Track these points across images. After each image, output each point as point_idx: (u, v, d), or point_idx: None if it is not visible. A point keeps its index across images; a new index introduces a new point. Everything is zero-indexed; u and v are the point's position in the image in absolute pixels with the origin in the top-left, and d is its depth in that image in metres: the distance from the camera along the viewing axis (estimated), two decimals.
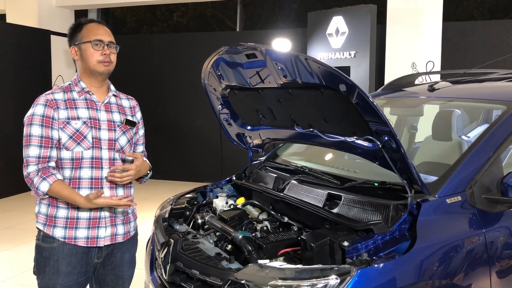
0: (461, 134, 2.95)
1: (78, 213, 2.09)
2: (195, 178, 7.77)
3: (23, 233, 5.44)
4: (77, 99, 2.12)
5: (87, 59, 2.11)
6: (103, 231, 2.14)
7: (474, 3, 11.64)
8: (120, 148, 2.19)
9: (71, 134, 2.07)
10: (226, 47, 2.34)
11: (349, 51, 6.62)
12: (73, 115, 2.08)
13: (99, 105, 2.16)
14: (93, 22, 2.17)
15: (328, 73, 1.92)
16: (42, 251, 2.11)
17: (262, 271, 1.84)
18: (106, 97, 2.20)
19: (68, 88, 2.14)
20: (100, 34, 2.12)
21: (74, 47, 2.14)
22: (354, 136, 2.18)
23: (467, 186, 2.14)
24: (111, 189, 2.15)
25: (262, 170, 2.98)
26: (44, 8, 8.40)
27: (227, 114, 2.90)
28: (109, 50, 2.13)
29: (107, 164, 2.14)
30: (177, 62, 8.39)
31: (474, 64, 5.78)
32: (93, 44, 2.09)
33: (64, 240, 2.08)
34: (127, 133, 2.23)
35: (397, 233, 1.94)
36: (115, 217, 2.18)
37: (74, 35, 2.14)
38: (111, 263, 2.23)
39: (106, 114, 2.17)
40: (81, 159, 2.08)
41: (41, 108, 2.06)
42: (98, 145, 2.12)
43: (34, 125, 2.04)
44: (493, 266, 2.09)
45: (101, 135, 2.13)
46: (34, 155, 2.03)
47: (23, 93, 7.56)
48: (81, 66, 2.15)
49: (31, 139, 2.04)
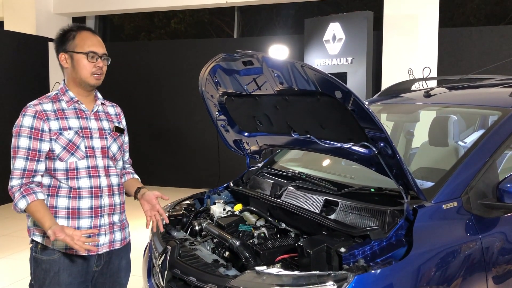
0: (458, 140, 2.96)
1: (78, 223, 2.07)
2: (193, 185, 7.76)
3: (20, 240, 5.42)
4: (66, 109, 2.09)
5: (80, 70, 2.08)
6: (103, 238, 2.13)
7: (470, 9, 11.70)
8: (112, 155, 2.19)
9: (64, 145, 2.05)
10: (223, 55, 2.35)
11: (346, 57, 6.65)
12: (65, 125, 2.05)
13: (89, 114, 2.14)
14: (86, 30, 2.12)
15: (324, 80, 1.94)
16: (41, 264, 2.07)
17: (259, 277, 1.84)
18: (95, 106, 2.19)
19: (56, 97, 2.10)
20: (95, 46, 2.09)
21: (65, 54, 2.09)
22: (350, 143, 2.19)
23: (463, 191, 2.15)
24: (109, 196, 2.15)
25: (259, 177, 2.99)
26: (42, 15, 8.43)
27: (225, 121, 2.91)
28: (102, 62, 2.11)
29: (103, 172, 2.13)
30: (175, 69, 8.41)
31: (470, 70, 5.82)
32: (88, 56, 2.06)
33: (66, 250, 2.06)
34: (117, 140, 2.23)
35: (393, 239, 1.94)
36: (113, 224, 2.18)
37: (66, 42, 2.09)
38: (109, 270, 2.23)
39: (96, 122, 2.16)
40: (76, 170, 2.07)
41: (30, 120, 2.01)
42: (93, 154, 2.11)
43: (22, 137, 2.01)
44: (489, 271, 2.09)
45: (93, 144, 2.12)
46: (20, 167, 2.00)
47: (21, 100, 7.50)
48: (70, 75, 2.12)
49: (18, 151, 2.01)
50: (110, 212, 2.15)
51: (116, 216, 2.19)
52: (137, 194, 2.30)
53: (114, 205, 2.17)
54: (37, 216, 1.96)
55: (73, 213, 2.07)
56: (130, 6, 8.37)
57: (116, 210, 2.19)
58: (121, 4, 8.39)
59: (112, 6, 8.45)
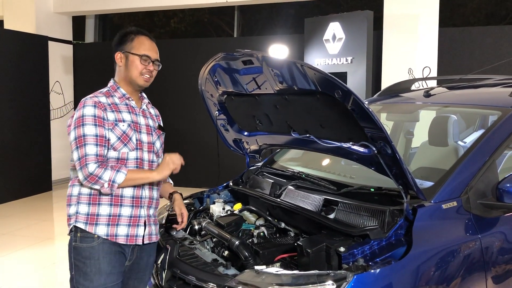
0: (457, 139, 2.96)
1: (120, 210, 2.13)
2: (192, 184, 7.75)
3: (21, 239, 5.43)
4: (119, 104, 2.19)
5: (131, 70, 2.19)
6: (142, 229, 2.19)
7: (470, 9, 11.70)
8: (156, 150, 2.30)
9: (119, 135, 2.13)
10: (222, 54, 2.35)
11: (346, 57, 6.65)
12: (119, 117, 2.15)
13: (138, 111, 2.25)
14: (145, 35, 2.25)
15: (324, 79, 1.94)
16: (81, 252, 2.10)
17: (259, 277, 1.84)
18: (143, 104, 2.32)
19: (108, 93, 2.20)
20: (149, 51, 2.21)
21: (121, 53, 2.21)
22: (350, 142, 2.19)
23: (463, 191, 2.15)
24: (150, 189, 2.24)
25: (259, 176, 2.99)
26: (42, 14, 8.42)
27: (224, 120, 2.91)
28: (153, 67, 2.23)
29: (147, 165, 2.22)
30: (175, 68, 8.41)
31: (470, 70, 5.81)
32: (142, 58, 2.18)
33: (107, 237, 2.10)
34: (160, 138, 2.36)
35: (393, 238, 1.94)
36: (150, 217, 2.24)
37: (124, 43, 2.22)
38: (137, 266, 2.25)
39: (144, 119, 2.27)
40: (126, 160, 2.14)
41: (91, 109, 2.08)
42: (141, 147, 2.20)
43: (87, 125, 2.05)
44: (488, 271, 2.09)
45: (142, 138, 2.22)
46: (93, 153, 2.03)
47: (20, 99, 7.56)
48: (122, 73, 2.23)
49: (86, 139, 2.04)
50: (149, 204, 2.23)
51: (152, 210, 2.26)
52: (171, 198, 2.48)
53: (153, 198, 2.26)
54: (139, 177, 2.12)
55: (115, 200, 2.12)
56: (130, 5, 8.36)
57: (153, 204, 2.27)
58: (121, 3, 8.39)
59: (112, 5, 8.44)
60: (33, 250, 5.08)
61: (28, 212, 6.82)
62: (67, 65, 8.99)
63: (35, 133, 7.90)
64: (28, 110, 7.72)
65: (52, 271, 4.50)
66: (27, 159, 7.70)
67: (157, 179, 2.17)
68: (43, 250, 5.10)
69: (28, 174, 7.70)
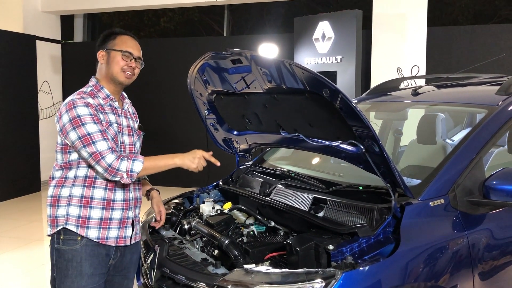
0: (446, 137, 2.98)
1: (112, 214, 2.13)
2: (182, 183, 7.73)
3: (9, 241, 5.38)
4: (104, 105, 2.17)
5: (112, 66, 2.18)
6: (130, 230, 2.21)
7: (459, 9, 11.80)
8: (137, 152, 2.29)
9: (112, 136, 2.12)
10: (211, 53, 2.35)
11: (335, 56, 6.67)
12: (107, 119, 2.14)
13: (120, 112, 2.24)
14: (128, 35, 2.25)
15: (312, 78, 1.94)
16: (63, 254, 2.10)
17: (248, 275, 1.84)
18: (125, 104, 2.30)
19: (92, 93, 2.16)
20: (132, 48, 2.21)
21: (103, 51, 2.20)
22: (338, 141, 2.20)
23: (450, 189, 2.17)
24: (134, 190, 2.25)
25: (248, 175, 2.99)
26: (30, 13, 8.34)
27: (214, 119, 2.91)
28: (135, 64, 2.22)
29: None
30: (164, 67, 8.38)
31: (458, 69, 5.86)
32: (124, 54, 2.17)
33: (97, 240, 2.10)
34: (140, 139, 2.36)
35: (381, 236, 1.96)
36: (136, 217, 2.26)
37: (107, 41, 2.21)
38: (120, 264, 2.25)
39: (125, 120, 2.26)
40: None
41: (85, 109, 2.05)
42: (124, 149, 2.20)
43: (88, 124, 2.03)
44: (475, 267, 2.12)
45: (124, 139, 2.21)
46: (105, 147, 2.01)
47: (8, 99, 7.48)
48: (103, 71, 2.21)
49: (93, 136, 2.02)
50: (134, 205, 2.25)
51: (137, 209, 2.28)
52: (148, 196, 2.49)
53: (137, 199, 2.28)
54: (162, 164, 2.12)
55: (107, 204, 2.12)
56: (119, 5, 8.31)
57: (138, 203, 2.29)
58: (110, 2, 8.33)
59: (101, 4, 8.38)
60: (22, 251, 5.03)
61: (16, 213, 6.75)
62: (55, 64, 8.92)
63: (24, 133, 7.83)
64: (16, 110, 7.65)
65: (41, 272, 4.46)
66: (15, 160, 7.63)
67: (178, 165, 2.15)
68: (32, 251, 5.06)
69: (16, 174, 7.62)
